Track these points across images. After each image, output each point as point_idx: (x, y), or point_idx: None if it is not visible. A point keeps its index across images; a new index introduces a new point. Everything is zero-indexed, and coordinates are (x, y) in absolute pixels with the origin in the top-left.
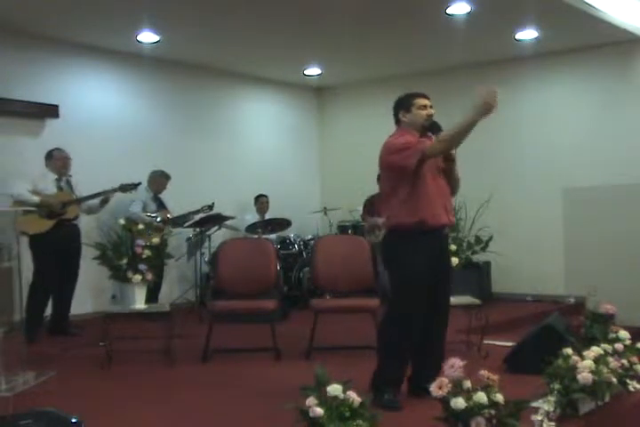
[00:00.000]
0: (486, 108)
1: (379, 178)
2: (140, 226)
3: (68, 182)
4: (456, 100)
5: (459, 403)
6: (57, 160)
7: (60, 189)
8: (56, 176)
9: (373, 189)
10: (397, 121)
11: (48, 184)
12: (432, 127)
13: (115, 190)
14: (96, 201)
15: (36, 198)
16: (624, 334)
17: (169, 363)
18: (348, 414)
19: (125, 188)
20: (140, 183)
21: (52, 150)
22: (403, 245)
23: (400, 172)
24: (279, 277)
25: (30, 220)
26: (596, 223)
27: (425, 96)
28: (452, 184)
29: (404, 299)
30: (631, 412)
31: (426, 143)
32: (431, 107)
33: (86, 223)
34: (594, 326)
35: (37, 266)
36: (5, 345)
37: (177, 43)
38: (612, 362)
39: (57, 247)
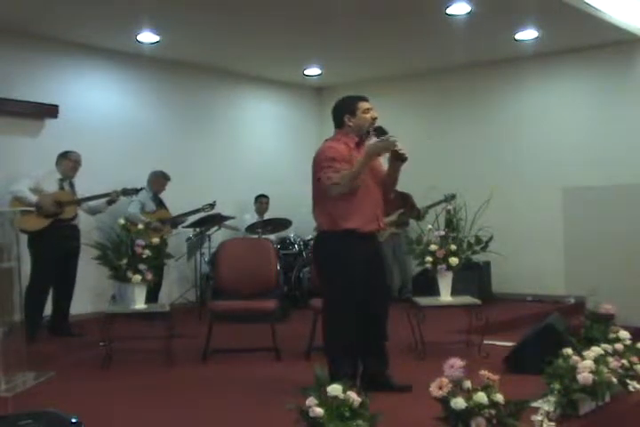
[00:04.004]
0: (378, 154)
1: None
2: (140, 226)
3: (72, 184)
4: (456, 101)
5: (459, 403)
6: (71, 161)
7: (61, 188)
8: (61, 176)
9: None
10: (339, 124)
11: (52, 183)
12: (377, 131)
13: (118, 194)
14: (102, 201)
15: (34, 198)
16: (624, 334)
17: (169, 363)
18: (348, 414)
19: (127, 192)
20: (142, 189)
21: (69, 151)
22: (335, 248)
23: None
24: (279, 277)
25: (26, 218)
26: (595, 223)
27: (367, 99)
28: (391, 184)
29: (342, 299)
30: (631, 412)
31: (333, 179)
32: (373, 109)
33: (86, 223)
34: (594, 326)
35: (34, 265)
36: (5, 345)
37: (177, 43)
38: (612, 362)
39: (54, 247)
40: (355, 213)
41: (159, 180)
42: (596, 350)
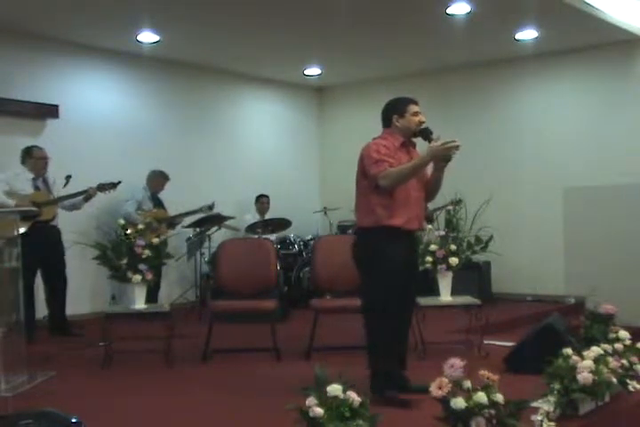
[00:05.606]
0: (439, 157)
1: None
2: (141, 226)
3: (45, 182)
4: (456, 100)
5: (459, 403)
6: (38, 159)
7: (36, 188)
8: (32, 175)
9: None
10: (387, 124)
11: (24, 184)
12: (423, 134)
13: (94, 190)
14: (79, 197)
15: (11, 202)
16: (624, 334)
17: (169, 363)
18: (348, 414)
19: (103, 187)
20: (119, 182)
21: (32, 148)
22: (379, 245)
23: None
24: (279, 277)
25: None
26: (596, 223)
27: (417, 102)
28: (434, 192)
29: (386, 297)
30: (631, 412)
31: (383, 168)
32: (421, 113)
33: (86, 223)
34: (594, 326)
35: None
36: (5, 345)
37: (177, 43)
38: (612, 362)
39: (35, 249)
40: (400, 210)
41: (158, 179)
42: (595, 350)
